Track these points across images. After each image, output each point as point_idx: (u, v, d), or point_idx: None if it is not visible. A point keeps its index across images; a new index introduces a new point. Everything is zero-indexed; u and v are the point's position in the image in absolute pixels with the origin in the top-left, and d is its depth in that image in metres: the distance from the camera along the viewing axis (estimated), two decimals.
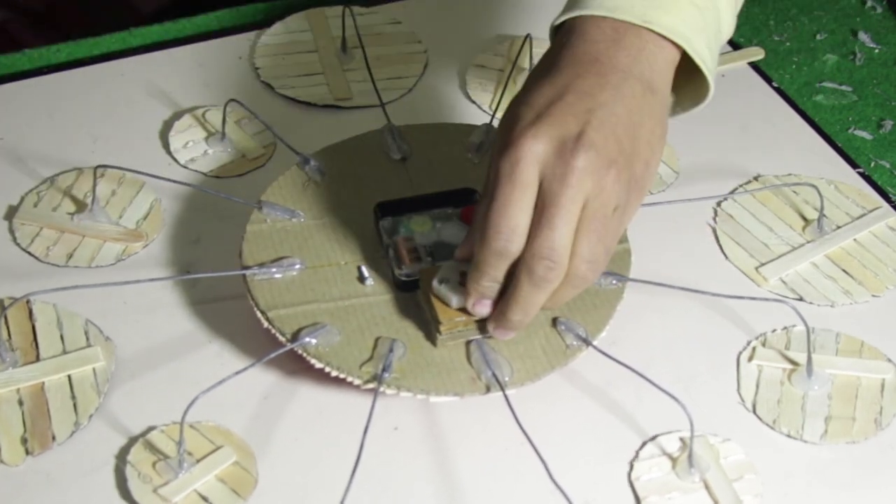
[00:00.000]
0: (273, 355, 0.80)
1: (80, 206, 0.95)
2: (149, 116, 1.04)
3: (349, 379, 0.79)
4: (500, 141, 0.74)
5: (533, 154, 0.71)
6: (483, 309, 0.77)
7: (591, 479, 0.79)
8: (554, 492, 0.73)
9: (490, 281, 0.75)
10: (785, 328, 0.87)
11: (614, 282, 0.85)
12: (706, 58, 0.78)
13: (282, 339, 0.81)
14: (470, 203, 0.87)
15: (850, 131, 1.06)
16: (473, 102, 1.07)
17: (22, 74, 1.09)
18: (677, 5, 0.77)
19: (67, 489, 0.77)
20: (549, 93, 0.73)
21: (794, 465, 0.80)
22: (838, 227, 0.95)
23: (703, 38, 0.78)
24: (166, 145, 1.01)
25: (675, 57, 0.77)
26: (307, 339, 0.80)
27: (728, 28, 0.83)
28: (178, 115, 1.04)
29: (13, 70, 1.10)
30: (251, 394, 0.83)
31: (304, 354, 0.80)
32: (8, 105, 1.05)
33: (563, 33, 0.78)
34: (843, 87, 1.11)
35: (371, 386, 0.78)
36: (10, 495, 0.77)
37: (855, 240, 0.94)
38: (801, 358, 0.84)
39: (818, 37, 1.17)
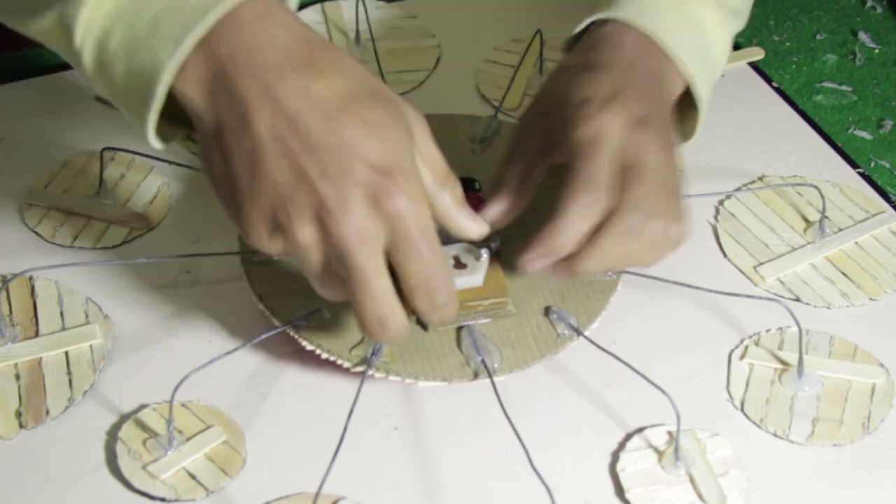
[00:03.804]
0: (264, 336, 0.80)
1: (89, 190, 0.96)
2: None
3: (339, 362, 0.79)
4: (574, 117, 0.78)
5: (613, 127, 0.76)
6: (537, 264, 0.77)
7: (576, 469, 0.79)
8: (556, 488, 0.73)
9: (568, 236, 0.76)
10: (780, 328, 0.87)
11: (609, 274, 0.85)
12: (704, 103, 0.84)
13: (275, 321, 0.81)
14: (469, 191, 0.87)
15: (850, 131, 1.06)
16: (484, 97, 1.07)
17: (22, 74, 1.09)
18: (688, 39, 0.83)
19: (58, 464, 0.78)
20: (611, 84, 0.79)
21: (778, 464, 0.79)
22: (840, 230, 0.94)
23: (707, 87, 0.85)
24: None
25: (680, 90, 0.83)
26: (299, 322, 0.80)
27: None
28: None
29: (13, 70, 1.10)
30: (244, 375, 0.84)
31: (296, 336, 0.81)
32: (8, 105, 1.06)
33: (589, 41, 0.83)
34: (843, 87, 1.11)
35: (360, 369, 0.79)
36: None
37: (856, 243, 0.93)
38: (793, 358, 0.84)
39: (818, 37, 1.17)
